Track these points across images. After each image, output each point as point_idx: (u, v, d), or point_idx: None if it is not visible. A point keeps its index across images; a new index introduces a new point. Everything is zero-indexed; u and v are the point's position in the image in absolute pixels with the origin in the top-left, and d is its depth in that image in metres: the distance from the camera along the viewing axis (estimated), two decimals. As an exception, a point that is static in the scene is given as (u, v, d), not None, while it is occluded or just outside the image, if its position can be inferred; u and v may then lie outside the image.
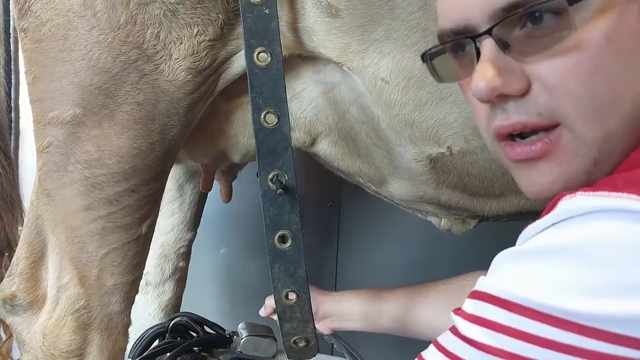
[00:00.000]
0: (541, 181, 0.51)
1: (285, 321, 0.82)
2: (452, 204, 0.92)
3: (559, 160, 0.49)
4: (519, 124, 0.50)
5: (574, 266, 0.41)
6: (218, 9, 0.78)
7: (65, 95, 0.80)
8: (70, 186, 0.84)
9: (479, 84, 0.50)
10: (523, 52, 0.49)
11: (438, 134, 0.81)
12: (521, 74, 0.49)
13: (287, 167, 0.78)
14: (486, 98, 0.50)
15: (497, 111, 0.51)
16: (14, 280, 0.92)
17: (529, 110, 0.49)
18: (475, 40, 0.51)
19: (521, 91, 0.49)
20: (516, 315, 0.43)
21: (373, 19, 0.75)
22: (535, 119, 0.49)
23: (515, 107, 0.50)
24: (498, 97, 0.50)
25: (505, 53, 0.49)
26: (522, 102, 0.49)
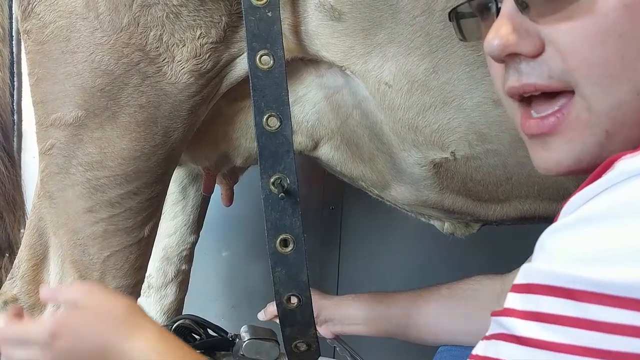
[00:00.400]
0: (552, 158, 0.49)
1: (286, 325, 0.82)
2: (455, 208, 0.92)
3: (570, 134, 0.48)
4: (530, 86, 0.49)
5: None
6: (221, 12, 0.78)
7: (68, 97, 0.80)
8: (72, 188, 0.84)
9: (492, 41, 0.49)
10: (540, 13, 0.47)
11: (442, 138, 0.81)
12: (536, 35, 0.48)
13: (289, 171, 0.78)
14: (498, 55, 0.50)
15: (509, 71, 0.50)
16: (16, 283, 0.91)
17: (541, 72, 0.48)
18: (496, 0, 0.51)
19: (534, 52, 0.48)
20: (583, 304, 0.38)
21: (376, 22, 0.75)
22: (546, 82, 0.48)
23: (527, 68, 0.49)
24: (510, 56, 0.49)
25: (523, 13, 0.48)
26: (534, 64, 0.48)
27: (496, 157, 0.81)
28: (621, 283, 0.36)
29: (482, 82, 0.75)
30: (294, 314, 0.81)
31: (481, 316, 0.86)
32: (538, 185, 0.84)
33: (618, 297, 0.36)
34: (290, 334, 0.82)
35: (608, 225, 0.38)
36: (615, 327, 0.37)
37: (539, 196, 0.87)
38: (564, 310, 0.39)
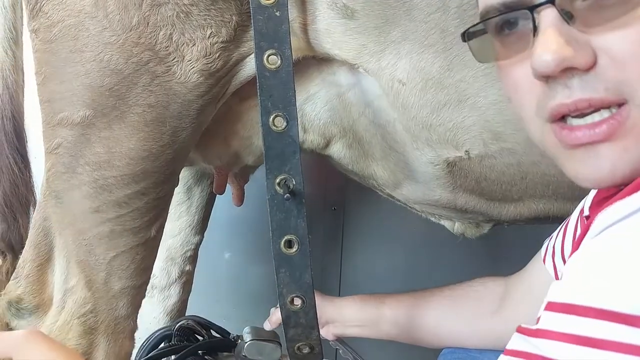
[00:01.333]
0: (604, 167, 0.46)
1: (289, 327, 0.81)
2: (468, 208, 0.92)
3: (625, 143, 0.45)
4: (583, 101, 0.46)
5: None
6: (231, 11, 0.77)
7: (76, 96, 0.79)
8: (79, 188, 0.83)
9: (544, 56, 0.45)
10: (588, 22, 0.45)
11: (456, 137, 0.80)
12: (588, 46, 0.45)
13: (295, 172, 0.77)
14: (552, 71, 0.46)
15: (557, 88, 0.47)
16: (20, 283, 0.91)
17: (596, 85, 0.45)
18: (533, 12, 0.47)
19: (589, 64, 0.45)
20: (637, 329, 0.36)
21: (390, 20, 0.75)
22: (601, 95, 0.45)
23: (580, 82, 0.46)
24: (563, 71, 0.46)
25: (570, 24, 0.46)
26: (587, 77, 0.45)
27: (511, 156, 0.81)
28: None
29: (498, 80, 0.73)
30: (297, 315, 0.80)
31: (484, 318, 0.87)
32: (553, 185, 0.84)
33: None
34: (293, 336, 0.82)
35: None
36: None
37: (554, 196, 0.87)
38: (609, 334, 0.37)
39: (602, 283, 0.39)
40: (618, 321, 0.37)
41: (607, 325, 0.37)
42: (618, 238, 0.40)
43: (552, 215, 0.90)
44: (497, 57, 0.53)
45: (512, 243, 1.51)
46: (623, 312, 0.37)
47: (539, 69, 0.46)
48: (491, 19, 0.51)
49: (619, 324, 0.37)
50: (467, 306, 0.89)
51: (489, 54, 0.54)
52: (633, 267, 0.38)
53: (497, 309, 0.86)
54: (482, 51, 0.56)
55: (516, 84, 0.51)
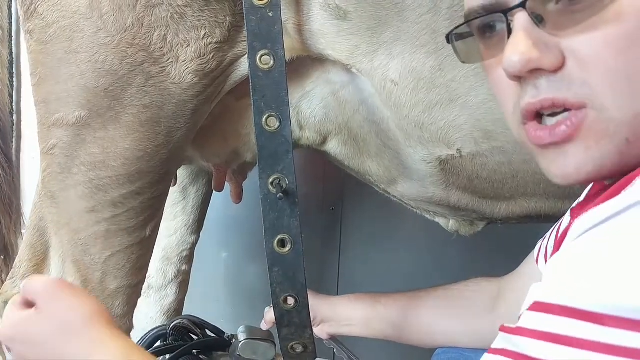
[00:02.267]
0: (568, 164, 0.47)
1: (283, 326, 0.81)
2: (461, 205, 0.92)
3: (587, 142, 0.46)
4: (548, 101, 0.47)
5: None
6: (225, 12, 0.77)
7: (71, 97, 0.80)
8: (75, 188, 0.84)
9: (511, 57, 0.47)
10: (558, 26, 0.46)
11: (448, 136, 0.81)
12: (556, 48, 0.46)
13: (288, 171, 0.78)
14: (519, 71, 0.47)
15: (527, 88, 0.48)
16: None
17: (561, 86, 0.46)
18: (507, 15, 0.48)
19: (556, 65, 0.46)
20: (604, 327, 0.37)
21: (382, 21, 0.75)
22: (564, 95, 0.46)
23: (547, 83, 0.47)
24: (531, 72, 0.47)
25: (540, 27, 0.47)
26: (554, 78, 0.47)
27: (502, 154, 0.81)
28: None
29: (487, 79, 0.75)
30: (290, 315, 0.80)
31: (478, 318, 0.87)
32: (544, 184, 0.84)
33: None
34: (287, 335, 0.82)
35: (631, 249, 0.38)
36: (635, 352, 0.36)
37: (545, 194, 0.87)
38: (582, 333, 0.38)
39: (576, 283, 0.40)
40: (590, 320, 0.38)
41: (579, 324, 0.38)
42: (594, 241, 0.41)
43: (544, 214, 0.90)
44: (482, 57, 0.54)
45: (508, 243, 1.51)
46: (595, 312, 0.38)
47: (507, 69, 0.48)
48: (472, 21, 0.53)
49: (591, 323, 0.38)
50: (461, 306, 0.89)
51: (476, 55, 0.55)
52: (607, 268, 0.39)
53: (491, 309, 0.87)
54: (469, 52, 0.57)
55: (497, 84, 0.53)
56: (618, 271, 0.38)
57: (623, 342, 0.37)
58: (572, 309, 0.39)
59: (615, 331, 0.37)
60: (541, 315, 0.41)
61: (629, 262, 0.38)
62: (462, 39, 0.56)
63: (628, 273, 0.37)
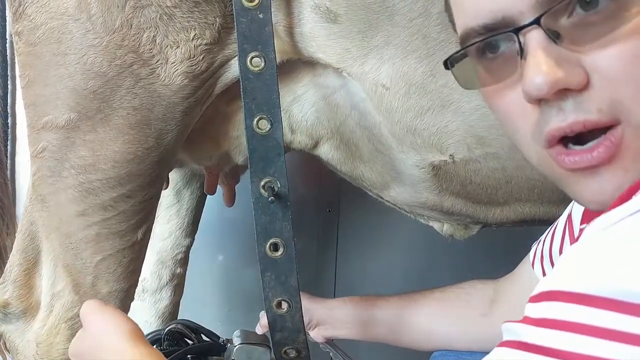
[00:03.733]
0: (606, 189, 0.45)
1: (276, 331, 0.81)
2: (455, 210, 0.91)
3: (624, 163, 0.44)
4: (578, 124, 0.44)
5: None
6: (215, 13, 0.77)
7: (60, 99, 0.79)
8: (65, 192, 0.83)
9: (534, 80, 0.43)
10: (576, 41, 0.43)
11: (440, 141, 0.80)
12: (578, 65, 0.43)
13: (280, 174, 0.77)
14: (546, 94, 0.44)
15: (550, 112, 0.45)
16: (7, 288, 0.91)
17: (589, 106, 0.43)
18: (518, 34, 0.45)
19: (582, 84, 0.43)
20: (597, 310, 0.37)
21: (373, 24, 0.74)
22: (595, 117, 0.43)
23: (573, 104, 0.44)
24: (556, 93, 0.44)
25: (557, 44, 0.44)
26: (580, 99, 0.44)
27: (495, 160, 0.81)
28: None
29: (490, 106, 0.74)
30: (283, 319, 0.80)
31: (474, 320, 0.87)
32: (538, 189, 0.83)
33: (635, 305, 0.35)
34: (280, 340, 0.81)
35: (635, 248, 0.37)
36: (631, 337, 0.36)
37: (539, 200, 0.86)
38: (585, 318, 0.37)
39: (581, 270, 0.39)
40: (594, 305, 0.37)
41: (583, 310, 0.37)
42: (603, 238, 0.40)
43: (539, 218, 0.89)
44: (482, 83, 0.51)
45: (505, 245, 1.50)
46: (599, 296, 0.37)
47: (532, 92, 0.44)
48: (475, 44, 0.49)
49: (595, 307, 0.37)
50: (457, 308, 0.89)
51: (472, 79, 0.52)
52: (613, 257, 0.38)
53: (487, 311, 0.86)
54: (465, 77, 0.53)
55: (507, 110, 0.49)
56: (623, 259, 0.37)
57: (626, 327, 0.36)
58: (575, 294, 0.38)
59: (619, 316, 0.36)
60: (543, 303, 0.40)
61: (633, 251, 0.37)
62: (457, 63, 0.52)
63: (633, 260, 0.37)
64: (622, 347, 0.35)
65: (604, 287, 0.37)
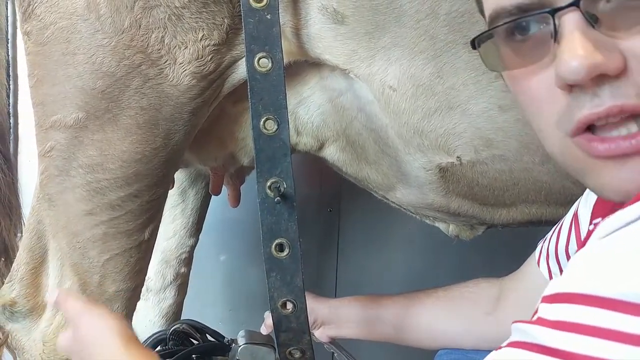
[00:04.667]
0: (635, 179, 0.43)
1: (281, 331, 0.81)
2: (461, 212, 0.92)
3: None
4: (616, 108, 0.42)
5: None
6: (223, 13, 0.77)
7: (68, 99, 0.79)
8: (72, 191, 0.83)
9: (571, 63, 0.42)
10: (614, 26, 0.42)
11: (447, 143, 0.80)
12: (616, 50, 0.42)
13: (286, 175, 0.77)
14: (583, 79, 0.42)
15: (584, 98, 0.43)
16: (14, 287, 0.91)
17: (627, 91, 0.42)
18: (554, 16, 0.43)
19: (620, 69, 0.42)
20: (619, 314, 0.36)
21: (380, 26, 0.74)
22: (633, 102, 0.42)
23: (610, 89, 0.42)
24: (592, 79, 0.42)
25: (595, 28, 0.42)
26: (618, 84, 0.42)
27: (502, 162, 0.81)
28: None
29: (488, 87, 0.74)
30: (288, 320, 0.80)
31: (479, 319, 0.87)
32: (545, 190, 0.84)
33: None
34: (285, 340, 0.81)
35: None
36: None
37: (546, 201, 0.86)
38: (602, 321, 0.37)
39: (598, 273, 0.39)
40: (610, 308, 0.36)
41: (600, 312, 0.37)
42: (618, 238, 0.39)
43: (545, 220, 0.89)
44: (507, 66, 0.49)
45: (507, 245, 1.51)
46: (616, 299, 0.36)
47: (568, 76, 0.43)
48: (507, 24, 0.47)
49: (611, 310, 0.36)
50: (461, 307, 0.89)
51: (496, 61, 0.51)
52: (630, 259, 0.37)
53: (492, 310, 0.86)
54: (489, 58, 0.52)
55: (532, 95, 0.48)
56: (638, 260, 0.37)
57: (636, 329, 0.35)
58: (596, 297, 0.37)
59: (634, 319, 0.35)
60: (560, 305, 0.39)
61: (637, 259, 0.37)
62: (482, 43, 0.51)
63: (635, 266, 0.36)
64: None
65: (623, 290, 0.36)
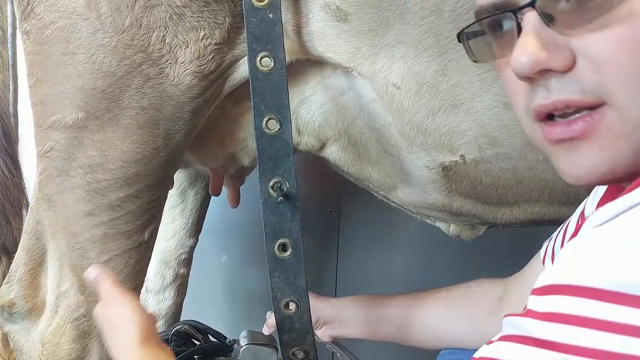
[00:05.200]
0: (582, 165, 0.47)
1: (284, 332, 0.80)
2: (463, 211, 0.91)
3: (602, 142, 0.46)
4: (561, 103, 0.47)
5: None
6: (225, 12, 0.77)
7: (68, 98, 0.79)
8: (72, 191, 0.83)
9: (520, 59, 0.46)
10: (568, 25, 0.46)
11: (451, 141, 0.80)
12: (566, 48, 0.46)
13: (289, 175, 0.77)
14: (528, 73, 0.47)
15: (537, 89, 0.48)
16: (13, 287, 0.90)
17: (573, 87, 0.46)
18: (516, 14, 0.48)
19: (566, 66, 0.46)
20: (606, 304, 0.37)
21: (383, 23, 0.74)
22: (578, 97, 0.46)
23: (558, 84, 0.46)
24: (540, 73, 0.47)
25: (550, 26, 0.46)
26: (565, 79, 0.46)
27: (506, 160, 0.81)
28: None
29: (492, 85, 0.74)
30: (291, 320, 0.80)
31: (482, 319, 0.86)
32: (548, 189, 0.83)
33: None
34: (288, 341, 0.81)
35: None
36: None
37: (549, 200, 0.86)
38: (591, 311, 0.38)
39: (584, 263, 0.40)
40: (598, 298, 0.37)
41: (588, 303, 0.38)
42: (604, 230, 0.41)
43: (548, 219, 0.89)
44: (495, 57, 0.54)
45: (508, 244, 1.51)
46: (604, 289, 0.37)
47: (516, 70, 0.48)
48: (483, 20, 0.52)
49: (599, 300, 0.37)
50: (464, 307, 0.89)
51: (488, 53, 0.55)
52: (616, 249, 0.39)
53: (495, 310, 0.86)
54: (481, 51, 0.56)
55: (508, 84, 0.52)
56: (627, 251, 0.38)
57: (635, 320, 0.36)
58: (583, 287, 0.39)
59: (627, 309, 0.36)
60: (549, 297, 0.41)
61: (636, 244, 0.38)
62: (474, 37, 0.55)
63: (637, 252, 0.37)
64: (631, 340, 0.36)
65: (612, 280, 0.37)
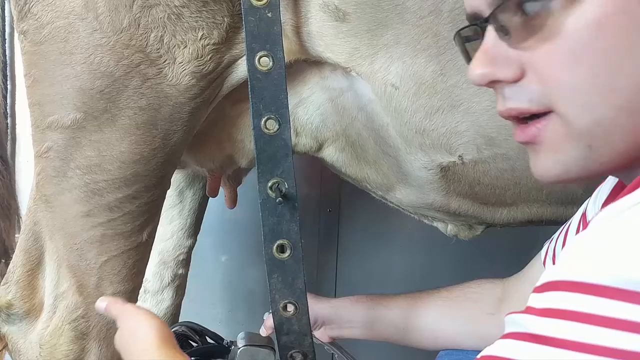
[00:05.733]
0: (541, 165, 0.51)
1: (282, 334, 0.80)
2: (461, 211, 0.91)
3: (552, 147, 0.49)
4: (514, 110, 0.51)
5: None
6: (223, 12, 0.76)
7: (66, 99, 0.78)
8: (70, 192, 0.82)
9: (469, 72, 0.51)
10: (520, 38, 0.48)
11: (449, 142, 0.80)
12: (516, 61, 0.49)
13: (287, 175, 0.76)
14: (478, 84, 0.52)
15: (498, 97, 0.52)
16: (10, 289, 0.90)
17: (522, 97, 0.49)
18: (480, 27, 0.51)
19: (513, 78, 0.49)
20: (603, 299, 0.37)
21: (382, 23, 0.74)
22: (526, 105, 0.49)
23: (509, 93, 0.50)
24: (492, 82, 0.51)
25: (504, 40, 0.49)
26: (515, 89, 0.50)
27: (504, 161, 0.81)
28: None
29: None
30: (290, 322, 0.79)
31: (482, 320, 0.86)
32: (546, 190, 0.84)
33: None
34: (286, 343, 0.80)
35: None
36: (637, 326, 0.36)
37: (547, 200, 0.87)
38: (589, 307, 0.38)
39: (583, 260, 0.41)
40: (597, 294, 0.38)
41: (586, 298, 0.38)
42: (604, 229, 0.41)
43: (546, 219, 0.89)
44: None
45: (508, 245, 1.51)
46: (603, 285, 0.38)
47: (471, 80, 0.52)
48: (466, 27, 0.56)
49: (598, 296, 0.38)
50: (464, 308, 0.89)
51: None
52: (615, 246, 0.39)
53: (495, 311, 0.86)
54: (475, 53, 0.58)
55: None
56: (628, 247, 0.38)
57: (631, 316, 0.37)
58: (580, 283, 0.39)
59: (624, 305, 0.37)
60: (548, 293, 0.41)
61: (636, 240, 0.38)
62: (468, 42, 0.57)
63: (635, 249, 0.38)
64: (628, 335, 0.36)
65: (609, 276, 0.38)
